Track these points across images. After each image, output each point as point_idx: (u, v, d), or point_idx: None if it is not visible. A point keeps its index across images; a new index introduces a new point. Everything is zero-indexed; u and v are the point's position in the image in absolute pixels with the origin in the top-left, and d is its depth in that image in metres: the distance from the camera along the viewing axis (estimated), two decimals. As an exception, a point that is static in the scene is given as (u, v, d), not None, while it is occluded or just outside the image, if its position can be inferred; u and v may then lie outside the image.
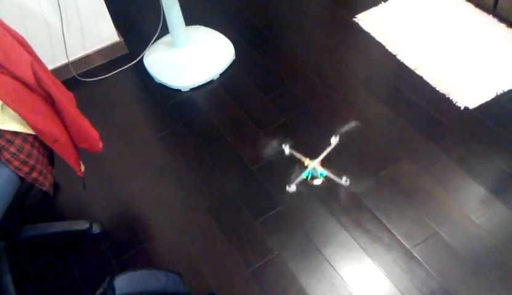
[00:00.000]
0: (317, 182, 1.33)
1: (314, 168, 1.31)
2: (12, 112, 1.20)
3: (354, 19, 2.27)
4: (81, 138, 1.42)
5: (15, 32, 1.32)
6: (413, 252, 1.48)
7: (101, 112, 2.04)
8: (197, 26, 2.31)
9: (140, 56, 2.23)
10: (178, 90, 2.08)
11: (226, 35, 2.26)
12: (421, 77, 1.97)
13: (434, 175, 1.66)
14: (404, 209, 1.58)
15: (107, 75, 2.19)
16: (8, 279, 1.46)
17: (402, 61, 2.04)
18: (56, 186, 1.78)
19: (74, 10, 2.04)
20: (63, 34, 2.07)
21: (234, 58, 2.17)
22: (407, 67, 2.02)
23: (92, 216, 1.67)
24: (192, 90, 2.07)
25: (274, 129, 1.87)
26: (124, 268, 1.54)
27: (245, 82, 2.08)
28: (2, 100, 1.17)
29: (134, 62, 2.22)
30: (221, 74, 2.12)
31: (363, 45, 2.15)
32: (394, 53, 2.08)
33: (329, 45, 2.18)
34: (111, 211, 1.70)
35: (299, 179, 1.33)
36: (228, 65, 2.14)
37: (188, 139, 1.89)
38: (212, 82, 2.10)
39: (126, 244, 1.60)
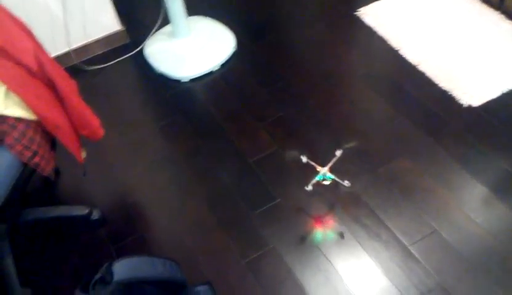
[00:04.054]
0: (326, 182, 1.69)
1: (324, 173, 1.67)
2: (16, 98, 1.21)
3: (355, 13, 2.26)
4: (83, 125, 1.44)
5: (18, 18, 1.32)
6: (411, 250, 1.48)
7: (102, 100, 2.05)
8: (199, 16, 2.31)
9: (141, 46, 2.23)
10: (178, 81, 2.08)
11: (227, 25, 2.26)
12: (424, 73, 1.97)
13: (434, 173, 1.66)
14: (403, 206, 1.59)
15: (108, 64, 2.19)
16: (9, 260, 1.48)
17: (404, 56, 2.04)
18: (57, 172, 1.80)
19: (75, -2, 2.05)
20: (65, 22, 2.07)
21: (235, 49, 2.17)
22: (409, 62, 2.02)
23: (91, 203, 1.69)
24: (192, 80, 2.08)
25: (272, 123, 1.87)
26: (121, 254, 1.55)
27: (245, 74, 2.08)
28: (6, 85, 1.18)
29: (135, 51, 2.22)
30: (221, 66, 2.12)
31: (364, 40, 2.15)
32: (396, 48, 2.07)
33: (330, 40, 2.18)
34: (110, 199, 1.71)
35: (314, 181, 1.68)
36: (229, 57, 2.14)
37: (186, 130, 1.90)
38: (212, 73, 2.10)
39: (124, 232, 1.62)
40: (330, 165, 1.68)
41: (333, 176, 1.66)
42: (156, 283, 1.21)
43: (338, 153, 1.71)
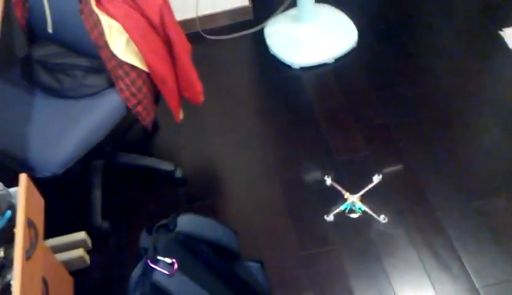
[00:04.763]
0: (354, 215, 1.58)
1: (353, 202, 1.56)
2: (134, 48, 1.47)
3: (500, 32, 2.19)
4: (187, 87, 1.67)
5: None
6: (480, 292, 1.47)
7: (212, 69, 2.29)
8: (327, 4, 2.43)
9: (262, 25, 2.43)
10: (289, 66, 2.24)
11: (353, 21, 2.34)
12: (557, 112, 1.87)
13: (535, 221, 1.60)
14: (486, 245, 1.57)
15: (227, 37, 2.43)
16: (98, 192, 1.80)
17: (540, 89, 1.95)
18: (155, 126, 2.09)
19: (211, -32, 2.30)
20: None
21: (355, 46, 2.26)
22: (543, 97, 1.93)
23: (177, 161, 1.93)
24: (303, 69, 2.21)
25: (371, 127, 1.94)
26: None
27: (358, 74, 2.16)
28: (129, 34, 1.44)
29: (255, 29, 2.43)
30: (336, 59, 2.22)
31: (500, 63, 2.08)
32: (533, 79, 1.99)
33: (462, 55, 2.15)
34: (195, 162, 1.95)
35: (337, 210, 1.59)
36: (346, 52, 2.24)
37: (284, 115, 2.05)
38: (324, 65, 2.21)
39: (199, 195, 1.85)
40: (362, 192, 1.56)
41: (364, 207, 1.54)
42: (212, 245, 1.39)
43: (376, 179, 1.59)
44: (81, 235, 1.71)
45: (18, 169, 1.40)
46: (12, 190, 1.29)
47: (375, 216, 1.59)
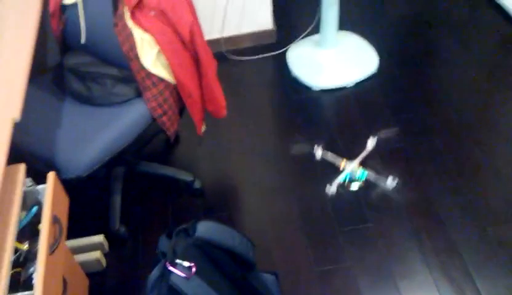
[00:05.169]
0: (355, 188, 1.40)
1: (353, 169, 1.38)
2: (164, 61, 1.54)
3: (520, 63, 2.24)
4: (211, 101, 1.73)
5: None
6: (495, 319, 1.47)
7: (235, 87, 2.35)
8: (349, 32, 2.50)
9: (285, 48, 2.50)
10: (309, 88, 2.29)
11: (375, 48, 2.41)
12: None
13: (552, 251, 1.61)
14: (502, 273, 1.57)
15: (250, 58, 2.50)
16: (118, 198, 1.85)
17: (559, 121, 1.97)
18: (176, 138, 2.15)
19: (239, -9, 2.39)
20: (225, 11, 2.43)
21: (375, 71, 2.32)
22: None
23: (196, 172, 1.98)
24: (323, 91, 2.27)
25: (389, 152, 1.97)
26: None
27: (377, 99, 2.20)
28: (161, 47, 1.51)
29: (278, 52, 2.50)
30: (356, 84, 2.28)
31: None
32: (553, 111, 2.01)
33: (479, 85, 2.19)
34: (213, 174, 2.00)
35: (337, 180, 1.42)
36: (366, 77, 2.29)
37: (302, 134, 2.09)
38: (344, 88, 2.27)
39: (216, 207, 1.89)
40: (359, 159, 1.42)
41: (367, 173, 1.39)
42: (229, 253, 1.41)
43: (371, 143, 1.44)
44: (99, 238, 1.74)
45: (44, 169, 1.46)
46: (39, 187, 1.34)
47: (382, 180, 1.41)
